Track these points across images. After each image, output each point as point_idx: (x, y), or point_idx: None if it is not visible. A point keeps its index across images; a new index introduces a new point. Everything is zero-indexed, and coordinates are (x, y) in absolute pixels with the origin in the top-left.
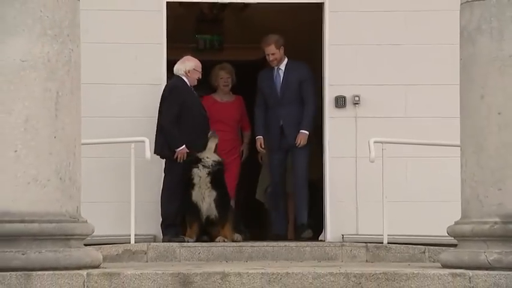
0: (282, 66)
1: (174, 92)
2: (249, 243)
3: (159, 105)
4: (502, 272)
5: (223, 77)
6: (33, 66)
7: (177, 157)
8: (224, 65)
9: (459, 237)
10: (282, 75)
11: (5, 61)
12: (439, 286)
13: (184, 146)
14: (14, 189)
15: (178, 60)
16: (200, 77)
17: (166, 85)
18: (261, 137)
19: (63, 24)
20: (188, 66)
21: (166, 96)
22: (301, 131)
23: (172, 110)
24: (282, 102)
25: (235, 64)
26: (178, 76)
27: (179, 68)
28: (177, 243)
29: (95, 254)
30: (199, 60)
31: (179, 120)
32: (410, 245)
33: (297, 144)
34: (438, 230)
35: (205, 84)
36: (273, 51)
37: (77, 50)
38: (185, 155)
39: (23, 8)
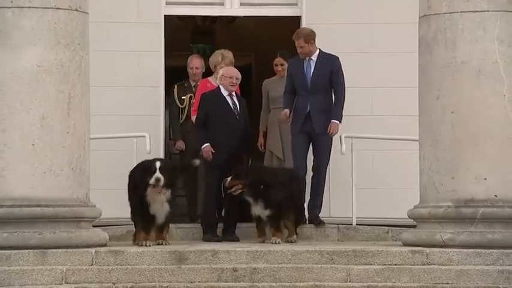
0: (314, 57)
1: (201, 100)
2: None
3: None
4: (455, 249)
5: (222, 67)
6: (49, 71)
7: (209, 160)
8: (225, 54)
9: (418, 219)
10: (313, 66)
11: (24, 66)
12: (400, 261)
13: (208, 144)
14: (31, 178)
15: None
16: (234, 82)
17: None
18: (288, 109)
19: (75, 35)
20: (219, 74)
21: (199, 104)
22: (332, 120)
23: (199, 116)
24: (311, 91)
25: None
26: (218, 86)
27: (217, 78)
28: (173, 225)
29: (102, 234)
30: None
31: (206, 124)
32: (376, 226)
33: (329, 133)
34: (400, 213)
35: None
36: (302, 44)
37: (86, 57)
38: (210, 153)
39: (40, 20)
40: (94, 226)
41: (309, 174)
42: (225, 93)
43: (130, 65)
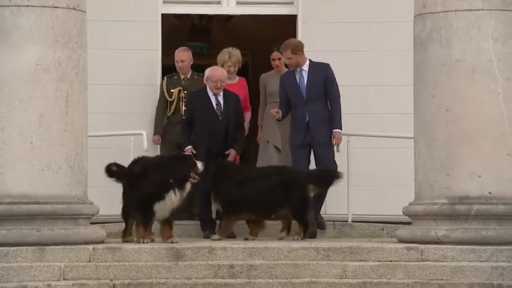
0: (305, 68)
1: (188, 99)
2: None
3: None
4: (449, 246)
5: (230, 66)
6: (47, 69)
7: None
8: (232, 53)
9: (413, 216)
10: (306, 76)
11: (22, 65)
12: (395, 258)
13: (190, 146)
14: (30, 176)
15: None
16: (218, 86)
17: None
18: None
19: (72, 33)
20: (205, 75)
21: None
22: (334, 130)
23: (187, 114)
24: (307, 101)
25: None
26: (206, 85)
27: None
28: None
29: (99, 231)
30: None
31: (192, 124)
32: (371, 223)
33: (334, 144)
34: (395, 210)
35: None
36: (289, 55)
37: (84, 55)
38: (192, 155)
39: (38, 19)
40: (92, 223)
41: None
42: (210, 93)
43: (127, 63)
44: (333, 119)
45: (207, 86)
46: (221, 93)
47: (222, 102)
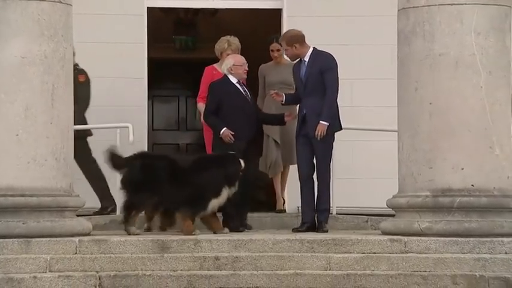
0: (306, 58)
1: (212, 90)
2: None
3: None
4: (432, 238)
5: (230, 54)
6: (32, 62)
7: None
8: (231, 41)
9: (396, 208)
10: (305, 67)
11: (8, 58)
12: (379, 250)
13: (225, 128)
14: (16, 168)
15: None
16: (246, 69)
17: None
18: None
19: (58, 26)
20: (229, 64)
21: (208, 94)
22: (320, 122)
23: (210, 106)
24: (305, 92)
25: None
26: (225, 74)
27: (223, 67)
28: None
29: (85, 223)
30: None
31: (220, 112)
32: (355, 216)
33: (316, 136)
34: (379, 202)
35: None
36: (285, 47)
37: (70, 48)
38: (231, 136)
39: (23, 12)
40: (78, 215)
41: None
42: (234, 81)
43: (113, 56)
44: (322, 111)
45: (230, 76)
46: (241, 81)
47: (246, 89)
